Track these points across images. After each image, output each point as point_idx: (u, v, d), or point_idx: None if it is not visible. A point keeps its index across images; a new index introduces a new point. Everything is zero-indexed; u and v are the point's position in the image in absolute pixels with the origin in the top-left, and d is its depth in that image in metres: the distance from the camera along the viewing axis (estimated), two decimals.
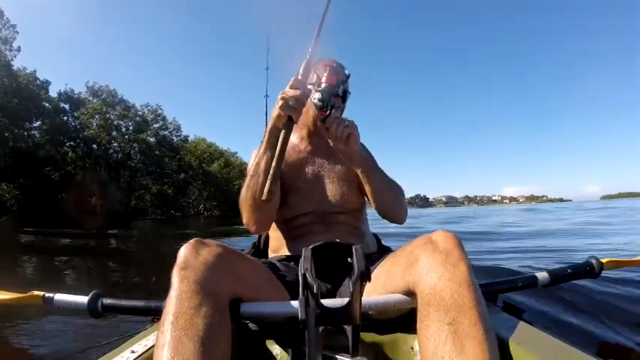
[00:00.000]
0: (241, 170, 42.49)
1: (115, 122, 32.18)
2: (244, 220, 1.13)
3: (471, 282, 0.69)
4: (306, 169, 1.25)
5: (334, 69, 1.16)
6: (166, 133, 36.10)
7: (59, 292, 1.21)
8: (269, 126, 1.03)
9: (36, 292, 1.21)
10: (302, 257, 0.67)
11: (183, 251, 0.76)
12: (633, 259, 1.44)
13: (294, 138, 1.31)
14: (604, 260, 1.25)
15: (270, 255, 1.28)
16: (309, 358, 0.64)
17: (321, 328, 0.68)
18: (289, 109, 0.95)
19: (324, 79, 1.13)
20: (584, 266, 1.22)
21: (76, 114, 30.13)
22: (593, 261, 1.22)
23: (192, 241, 0.78)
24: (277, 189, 1.06)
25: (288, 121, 0.96)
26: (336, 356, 0.83)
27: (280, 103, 0.97)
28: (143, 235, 11.13)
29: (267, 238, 1.45)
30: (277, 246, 1.24)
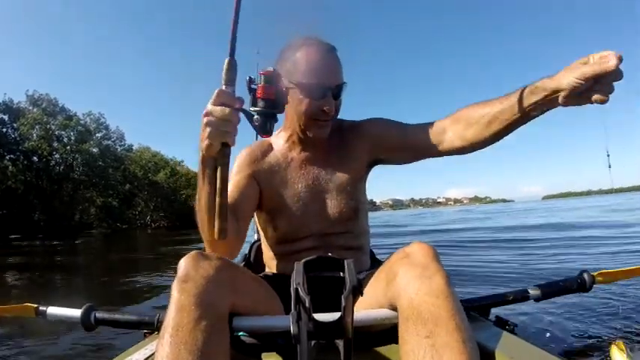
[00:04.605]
0: (188, 179, 44.10)
1: (57, 132, 32.76)
2: (205, 245, 1.01)
3: (447, 293, 0.73)
4: (300, 184, 1.16)
5: (271, 76, 0.86)
6: (110, 142, 36.95)
7: (52, 304, 1.27)
8: (200, 155, 0.86)
9: (29, 304, 1.27)
10: (294, 271, 0.72)
11: (184, 264, 0.78)
12: (624, 269, 1.46)
13: (283, 144, 1.20)
14: (595, 274, 1.29)
15: (266, 270, 1.28)
16: None
17: (313, 342, 0.72)
18: (219, 135, 0.78)
19: (258, 92, 0.86)
20: (576, 280, 1.27)
21: (15, 125, 30.47)
22: (585, 275, 1.26)
23: (192, 253, 0.81)
24: (233, 222, 0.98)
25: (222, 147, 0.81)
26: None
27: (207, 130, 0.78)
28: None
29: (257, 249, 1.55)
30: (271, 264, 1.24)
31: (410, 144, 1.16)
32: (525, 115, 0.95)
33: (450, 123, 1.10)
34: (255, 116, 0.88)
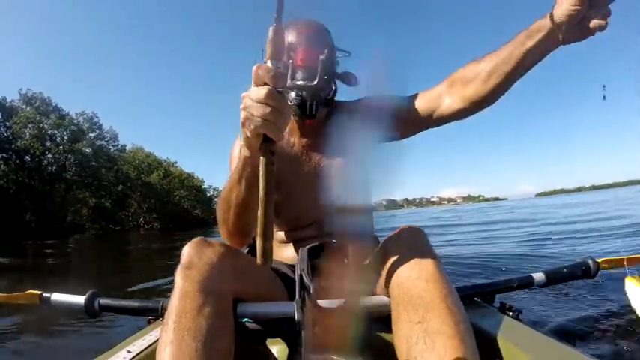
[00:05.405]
0: (182, 180, 44.28)
1: (50, 132, 32.37)
2: (223, 237, 1.01)
3: (438, 276, 0.72)
4: (302, 169, 1.13)
5: (310, 37, 0.82)
6: (103, 142, 36.68)
7: (56, 291, 1.26)
8: (241, 154, 0.77)
9: (33, 291, 1.27)
10: (298, 258, 0.73)
11: (187, 250, 0.79)
12: (629, 256, 1.43)
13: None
14: (600, 260, 1.29)
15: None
16: (305, 358, 0.69)
17: (317, 328, 0.72)
18: (255, 124, 0.62)
19: (297, 60, 0.76)
20: (580, 266, 1.27)
21: (8, 123, 30.08)
22: (589, 261, 1.27)
23: (196, 239, 0.81)
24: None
25: (263, 142, 0.63)
26: (333, 356, 0.82)
27: (242, 116, 0.63)
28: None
29: None
30: (275, 251, 1.09)
31: (406, 116, 1.11)
32: (525, 62, 0.89)
33: (446, 86, 1.05)
34: (291, 94, 0.69)
